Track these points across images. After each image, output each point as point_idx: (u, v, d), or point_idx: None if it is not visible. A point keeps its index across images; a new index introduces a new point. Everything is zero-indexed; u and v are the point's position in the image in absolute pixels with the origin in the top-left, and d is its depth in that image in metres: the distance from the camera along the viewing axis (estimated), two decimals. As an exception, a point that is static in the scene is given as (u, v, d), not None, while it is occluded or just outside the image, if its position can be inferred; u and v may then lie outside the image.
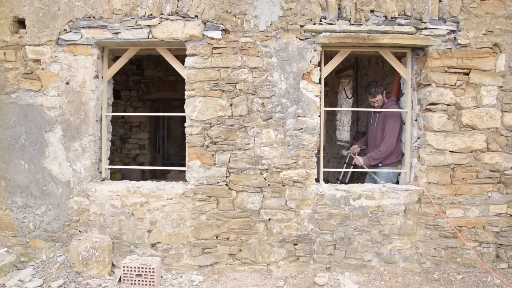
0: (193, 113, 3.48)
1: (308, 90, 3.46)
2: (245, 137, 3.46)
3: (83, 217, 3.56)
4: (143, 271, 3.19)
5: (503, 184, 3.50)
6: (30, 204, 3.59)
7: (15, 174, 3.59)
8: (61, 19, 3.50)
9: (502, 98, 3.47)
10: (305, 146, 3.47)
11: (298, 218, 3.48)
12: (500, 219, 3.52)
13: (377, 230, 3.48)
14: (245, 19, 3.44)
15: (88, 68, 3.52)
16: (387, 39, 3.43)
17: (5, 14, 3.53)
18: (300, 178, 3.46)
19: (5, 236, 3.65)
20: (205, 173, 3.48)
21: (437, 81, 3.44)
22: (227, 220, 3.49)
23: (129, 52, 3.74)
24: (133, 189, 3.54)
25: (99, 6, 3.47)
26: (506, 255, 3.52)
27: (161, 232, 3.52)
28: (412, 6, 3.42)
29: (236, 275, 3.47)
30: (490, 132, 3.47)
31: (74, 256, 3.31)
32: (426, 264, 3.52)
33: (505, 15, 3.43)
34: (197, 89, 3.46)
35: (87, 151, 3.55)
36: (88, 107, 3.54)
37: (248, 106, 3.46)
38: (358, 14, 3.42)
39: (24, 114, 3.57)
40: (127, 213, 3.52)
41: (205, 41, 3.45)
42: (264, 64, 3.44)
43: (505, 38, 3.43)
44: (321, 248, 3.50)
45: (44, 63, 3.53)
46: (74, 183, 3.55)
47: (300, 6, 3.42)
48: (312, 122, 3.46)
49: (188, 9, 3.44)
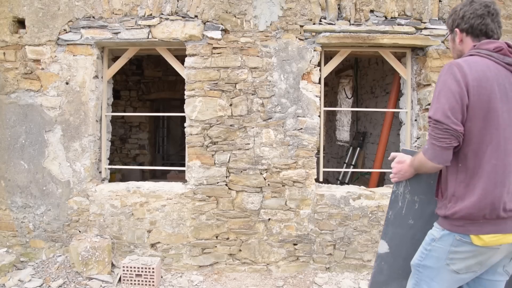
0: (193, 113, 3.48)
1: (308, 90, 3.46)
2: (245, 137, 3.46)
3: (83, 217, 3.56)
4: (143, 271, 3.19)
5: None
6: (29, 204, 3.59)
7: (14, 174, 3.59)
8: (60, 19, 3.50)
9: (502, 98, 3.47)
10: (305, 146, 3.47)
11: (298, 218, 3.48)
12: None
13: (377, 230, 3.48)
14: (245, 19, 3.44)
15: (88, 68, 3.52)
16: (387, 39, 3.43)
17: (4, 14, 3.53)
18: (300, 178, 3.46)
19: (5, 236, 3.65)
20: (205, 173, 3.48)
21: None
22: (227, 220, 3.49)
23: (128, 52, 3.74)
24: (133, 189, 3.54)
25: (99, 6, 3.47)
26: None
27: (161, 232, 3.52)
28: (412, 6, 3.42)
29: (236, 275, 3.47)
30: (490, 132, 3.47)
31: (74, 256, 3.31)
32: (426, 264, 3.51)
33: (505, 15, 3.43)
34: (197, 89, 3.47)
35: (87, 151, 3.55)
36: (88, 107, 3.54)
37: (248, 106, 3.46)
38: (358, 14, 3.42)
39: (23, 114, 3.57)
40: (127, 213, 3.52)
41: (205, 41, 3.45)
42: (264, 64, 3.44)
43: (504, 38, 3.43)
44: (321, 248, 3.50)
45: (43, 63, 3.53)
46: (74, 183, 3.55)
47: (300, 6, 3.42)
48: (312, 122, 3.46)
49: (188, 9, 3.44)
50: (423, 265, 1.58)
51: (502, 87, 1.45)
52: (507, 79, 1.47)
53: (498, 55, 1.48)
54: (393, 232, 1.78)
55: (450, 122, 1.42)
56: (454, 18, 1.64)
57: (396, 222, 1.79)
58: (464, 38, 1.63)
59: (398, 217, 1.78)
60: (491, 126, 1.43)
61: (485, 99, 1.42)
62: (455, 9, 1.65)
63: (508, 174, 1.43)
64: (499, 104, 1.43)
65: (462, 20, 1.60)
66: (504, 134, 1.44)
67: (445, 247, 1.50)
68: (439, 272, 1.53)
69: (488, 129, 1.43)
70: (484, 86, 1.43)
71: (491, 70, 1.46)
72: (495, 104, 1.43)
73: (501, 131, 1.43)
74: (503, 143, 1.44)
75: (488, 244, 1.42)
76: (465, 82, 1.43)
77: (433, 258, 1.54)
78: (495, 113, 1.43)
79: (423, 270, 1.58)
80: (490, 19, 1.54)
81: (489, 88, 1.43)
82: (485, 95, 1.42)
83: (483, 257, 1.46)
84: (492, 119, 1.43)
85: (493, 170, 1.42)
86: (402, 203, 1.78)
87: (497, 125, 1.43)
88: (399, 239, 1.78)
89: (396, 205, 1.79)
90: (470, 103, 1.43)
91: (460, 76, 1.45)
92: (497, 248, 1.44)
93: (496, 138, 1.43)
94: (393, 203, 1.80)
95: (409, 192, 1.76)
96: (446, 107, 1.43)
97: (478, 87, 1.42)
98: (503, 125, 1.44)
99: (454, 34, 1.67)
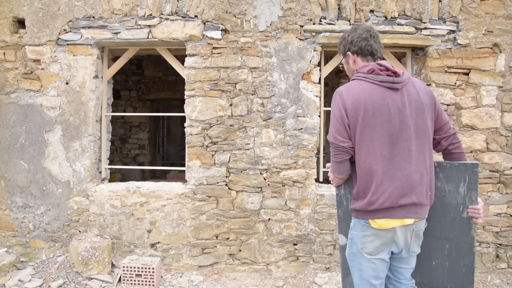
0: (193, 113, 3.48)
1: (308, 90, 3.46)
2: (245, 137, 3.46)
3: (83, 217, 3.56)
4: (143, 271, 3.19)
5: (503, 184, 3.50)
6: (29, 204, 3.59)
7: (15, 174, 3.59)
8: (60, 19, 3.50)
9: (501, 98, 3.47)
10: (305, 146, 3.47)
11: (298, 218, 3.48)
12: (500, 219, 3.52)
13: (377, 230, 3.48)
14: (245, 19, 3.44)
15: (88, 68, 3.52)
16: (386, 39, 3.43)
17: (4, 14, 3.53)
18: (300, 178, 3.46)
19: (5, 236, 3.65)
20: (205, 173, 3.48)
21: (437, 81, 3.44)
22: (227, 220, 3.49)
23: (128, 52, 3.74)
24: (133, 189, 3.54)
25: (98, 6, 3.47)
26: (505, 255, 3.52)
27: (161, 232, 3.52)
28: (412, 6, 3.42)
29: (236, 275, 3.47)
30: (490, 132, 3.48)
31: (74, 256, 3.31)
32: (426, 264, 3.52)
33: (505, 15, 3.43)
34: (197, 89, 3.46)
35: (87, 151, 3.55)
36: (87, 107, 3.54)
37: (248, 106, 3.46)
38: (358, 14, 3.42)
39: (23, 114, 3.57)
40: (127, 213, 3.52)
41: (205, 41, 3.45)
42: (264, 64, 3.44)
43: (504, 38, 3.43)
44: (321, 248, 3.50)
45: (43, 63, 3.53)
46: (74, 183, 3.55)
47: (300, 6, 3.42)
48: (312, 122, 3.46)
49: (188, 9, 3.44)
50: (351, 253, 1.90)
51: (375, 104, 1.73)
52: (381, 96, 1.75)
53: (372, 75, 1.77)
54: (346, 226, 2.04)
55: (338, 141, 1.78)
56: (345, 44, 1.94)
57: (346, 218, 2.06)
58: (356, 59, 1.91)
59: (346, 214, 2.05)
60: (366, 138, 1.74)
61: (361, 118, 1.74)
62: (344, 36, 1.96)
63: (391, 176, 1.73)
64: (371, 119, 1.73)
65: (351, 44, 1.90)
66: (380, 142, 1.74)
67: (358, 233, 1.84)
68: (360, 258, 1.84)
69: (364, 141, 1.75)
70: (358, 107, 1.74)
71: (365, 92, 1.76)
72: (367, 120, 1.73)
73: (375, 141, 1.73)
74: (380, 151, 1.73)
75: (382, 227, 1.76)
76: (344, 107, 1.77)
77: (354, 245, 1.87)
78: (368, 128, 1.73)
79: (352, 257, 1.90)
80: (373, 41, 1.86)
81: (362, 108, 1.73)
82: (359, 114, 1.74)
83: (384, 238, 1.79)
84: (365, 133, 1.74)
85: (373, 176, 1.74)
86: (346, 202, 2.05)
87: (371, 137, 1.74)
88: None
89: (342, 205, 2.07)
90: (350, 123, 1.77)
91: (340, 102, 1.79)
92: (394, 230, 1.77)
93: (372, 147, 1.74)
94: (339, 203, 2.09)
95: (349, 192, 2.03)
96: (334, 130, 1.80)
97: (354, 108, 1.75)
98: (377, 136, 1.73)
99: (347, 57, 1.96)
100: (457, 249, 1.95)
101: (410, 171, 1.74)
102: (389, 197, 1.72)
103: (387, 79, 1.76)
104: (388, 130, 1.73)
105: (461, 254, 1.95)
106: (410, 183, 1.74)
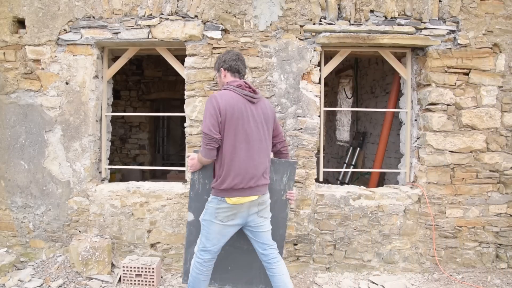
0: (193, 113, 3.48)
1: (308, 90, 3.46)
2: (245, 137, 3.46)
3: (83, 217, 3.56)
4: (143, 271, 3.19)
5: (503, 184, 3.51)
6: (29, 204, 3.59)
7: (14, 174, 3.59)
8: (60, 19, 3.50)
9: (501, 98, 3.47)
10: (305, 146, 3.47)
11: (297, 218, 3.48)
12: (500, 219, 3.52)
13: (377, 230, 3.48)
14: (245, 19, 3.44)
15: (88, 68, 3.53)
16: (387, 39, 3.43)
17: (4, 14, 3.53)
18: (300, 178, 3.46)
19: (5, 236, 3.65)
20: (205, 173, 3.47)
21: (437, 81, 3.44)
22: (227, 220, 3.48)
23: (129, 52, 3.74)
24: (132, 189, 3.54)
25: (98, 6, 3.47)
26: (505, 255, 3.52)
27: (161, 232, 3.52)
28: (412, 6, 3.42)
29: (236, 275, 3.46)
30: (490, 132, 3.48)
31: (74, 256, 3.31)
32: (426, 264, 3.52)
33: (505, 15, 3.43)
34: (197, 89, 3.47)
35: (87, 151, 3.55)
36: (87, 107, 3.54)
37: (248, 106, 3.45)
38: (358, 14, 3.42)
39: (23, 114, 3.57)
40: (127, 213, 3.52)
41: (205, 41, 3.45)
42: (264, 64, 3.44)
43: (504, 38, 3.44)
44: (321, 248, 3.50)
45: (43, 63, 3.53)
46: (74, 183, 3.55)
47: (300, 6, 3.42)
48: (312, 122, 3.46)
49: (188, 9, 3.44)
50: (204, 219, 2.48)
51: (240, 110, 2.35)
52: (243, 105, 2.37)
53: (239, 89, 2.40)
54: (195, 206, 2.62)
55: (212, 133, 2.30)
56: (219, 62, 2.56)
57: (196, 198, 2.61)
58: (226, 74, 2.53)
59: (197, 195, 2.60)
60: (230, 134, 2.33)
61: (228, 118, 2.32)
62: (219, 57, 2.58)
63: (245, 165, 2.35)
64: (236, 120, 2.33)
65: (224, 63, 2.52)
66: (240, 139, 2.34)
67: (213, 206, 2.41)
68: (212, 223, 2.42)
69: (229, 136, 2.33)
70: (228, 109, 2.31)
71: (233, 99, 2.35)
72: (233, 121, 2.32)
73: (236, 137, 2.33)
74: (238, 145, 2.33)
75: (235, 203, 2.37)
76: (218, 107, 2.31)
77: (208, 214, 2.45)
78: (232, 126, 2.33)
79: (204, 222, 2.47)
80: (240, 62, 2.52)
81: (230, 110, 2.31)
82: (227, 115, 2.31)
83: (234, 210, 2.39)
84: (230, 130, 2.33)
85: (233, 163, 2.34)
86: (198, 185, 2.59)
87: (234, 133, 2.33)
88: (199, 209, 2.58)
89: (195, 187, 2.60)
90: (221, 121, 2.32)
91: (215, 103, 2.32)
92: (242, 204, 2.38)
93: (233, 142, 2.33)
94: (192, 186, 2.61)
95: (202, 177, 2.59)
96: (209, 124, 2.30)
97: (225, 110, 2.31)
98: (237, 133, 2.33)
99: (220, 72, 2.56)
100: (275, 222, 2.63)
101: (258, 162, 2.40)
102: (242, 180, 2.34)
103: (248, 94, 2.40)
104: (246, 131, 2.36)
105: (278, 226, 2.67)
106: (257, 170, 2.39)
